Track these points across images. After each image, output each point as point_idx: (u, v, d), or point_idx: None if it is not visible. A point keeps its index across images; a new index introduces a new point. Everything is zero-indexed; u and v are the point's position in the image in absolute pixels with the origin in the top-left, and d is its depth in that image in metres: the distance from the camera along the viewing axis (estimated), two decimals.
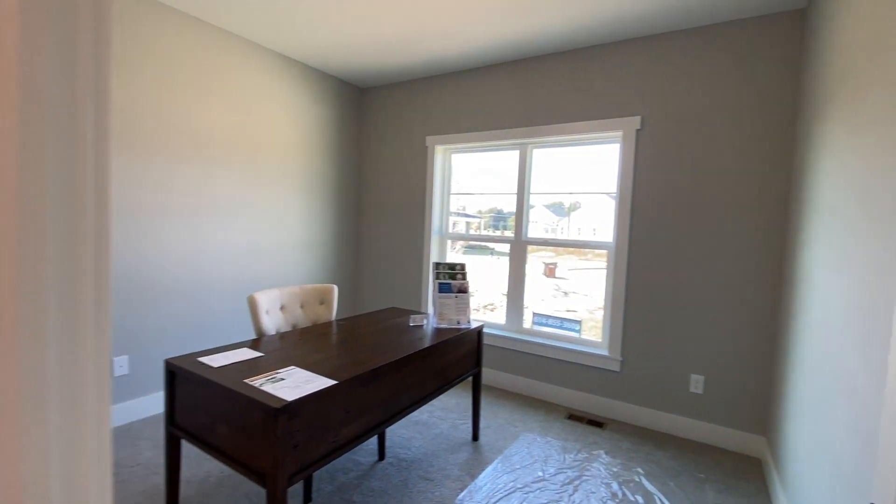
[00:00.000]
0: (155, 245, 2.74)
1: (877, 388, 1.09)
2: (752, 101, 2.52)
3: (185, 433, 1.63)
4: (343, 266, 4.14)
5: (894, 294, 1.04)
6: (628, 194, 2.89)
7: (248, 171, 3.23)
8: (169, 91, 2.73)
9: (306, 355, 1.82)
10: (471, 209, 3.86)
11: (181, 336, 2.92)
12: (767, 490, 2.23)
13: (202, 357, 1.72)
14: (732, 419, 2.62)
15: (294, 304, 2.42)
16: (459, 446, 2.53)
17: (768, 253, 2.50)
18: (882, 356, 1.08)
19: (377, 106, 4.08)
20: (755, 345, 2.55)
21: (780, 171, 2.46)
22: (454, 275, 2.53)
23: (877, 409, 1.08)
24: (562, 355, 3.15)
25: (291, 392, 1.43)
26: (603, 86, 2.97)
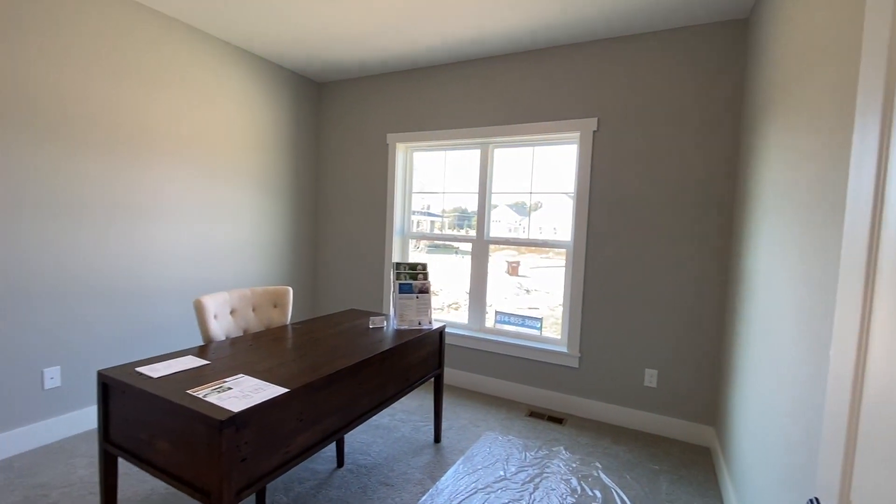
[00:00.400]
0: (94, 247, 2.54)
1: (818, 379, 1.15)
2: (701, 105, 2.63)
3: (121, 450, 1.51)
4: (301, 267, 4.00)
5: (834, 289, 1.09)
6: (585, 194, 2.95)
7: (197, 167, 3.05)
8: (105, 79, 2.53)
9: (258, 362, 1.72)
10: (435, 208, 3.82)
11: (123, 344, 2.71)
12: (716, 479, 2.34)
13: (141, 367, 1.60)
14: (684, 411, 2.73)
15: (245, 307, 2.31)
16: (421, 449, 2.49)
17: (716, 251, 2.62)
18: (822, 349, 1.13)
19: (335, 101, 3.97)
20: (704, 339, 2.67)
21: (726, 173, 2.58)
22: (415, 275, 2.49)
23: (818, 401, 1.13)
24: (523, 353, 3.18)
25: (239, 402, 1.35)
26: (561, 87, 3.01)
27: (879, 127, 0.59)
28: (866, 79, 0.64)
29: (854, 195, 0.65)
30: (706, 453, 2.60)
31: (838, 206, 1.09)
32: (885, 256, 0.55)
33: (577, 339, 3.00)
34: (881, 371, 0.54)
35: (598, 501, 2.08)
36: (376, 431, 2.67)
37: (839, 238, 1.06)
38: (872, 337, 0.57)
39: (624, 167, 2.84)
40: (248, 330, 2.30)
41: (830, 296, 1.08)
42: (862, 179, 0.63)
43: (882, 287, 0.55)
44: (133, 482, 2.09)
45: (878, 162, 0.59)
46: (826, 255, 1.14)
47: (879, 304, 0.56)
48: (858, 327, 0.60)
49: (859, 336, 0.60)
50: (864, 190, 0.62)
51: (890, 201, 0.55)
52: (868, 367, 0.57)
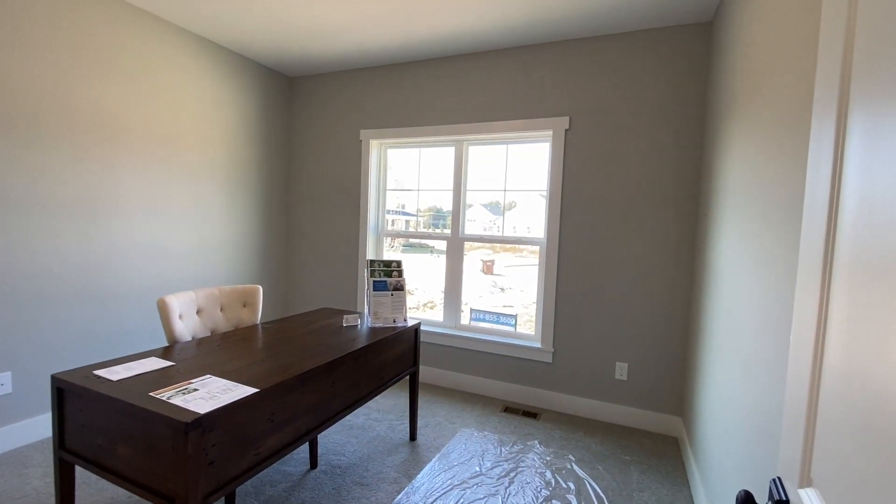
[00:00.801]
0: (46, 247, 2.39)
1: (777, 367, 1.20)
2: (668, 105, 2.71)
3: (78, 458, 1.43)
4: (271, 266, 3.90)
5: (792, 282, 1.14)
6: (558, 192, 2.99)
7: (161, 163, 2.93)
8: (58, 68, 2.39)
9: (226, 362, 1.67)
10: (410, 207, 3.79)
11: (79, 349, 2.58)
12: (683, 467, 2.41)
13: (99, 370, 1.52)
14: (653, 402, 2.81)
15: (213, 307, 2.23)
16: (397, 447, 2.47)
17: (684, 248, 2.71)
18: (781, 339, 1.18)
19: (308, 97, 3.89)
20: (673, 333, 2.75)
21: (693, 171, 2.67)
22: (390, 272, 2.47)
23: (777, 388, 1.18)
24: (497, 349, 3.20)
25: (206, 404, 1.30)
26: (535, 86, 3.04)
27: (834, 127, 0.61)
28: (822, 81, 0.67)
29: (811, 193, 0.67)
30: (674, 443, 2.68)
31: (797, 205, 1.13)
32: (840, 250, 0.57)
33: (550, 335, 3.04)
34: (838, 356, 0.56)
35: (571, 493, 2.12)
36: (351, 431, 2.63)
37: (797, 234, 1.11)
38: (830, 324, 0.60)
39: (595, 165, 2.90)
40: (216, 330, 2.22)
41: (789, 288, 1.13)
42: (819, 179, 0.65)
43: (838, 279, 0.58)
44: (91, 491, 1.99)
45: (834, 162, 0.61)
46: (785, 250, 1.19)
47: (836, 295, 0.58)
48: (816, 316, 0.63)
49: (817, 324, 0.63)
50: (820, 188, 0.64)
51: (845, 199, 0.57)
52: (826, 352, 0.60)
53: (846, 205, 0.57)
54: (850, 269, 0.54)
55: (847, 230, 0.56)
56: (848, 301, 0.54)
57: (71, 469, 1.50)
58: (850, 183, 0.56)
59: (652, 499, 2.11)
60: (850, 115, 0.58)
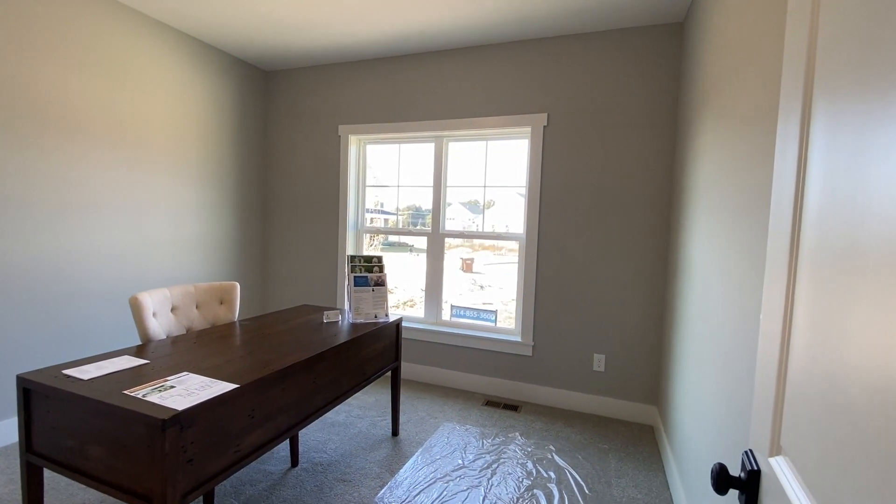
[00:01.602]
0: (10, 244, 2.28)
1: (748, 351, 1.25)
2: (642, 103, 2.78)
3: (46, 460, 1.37)
4: (249, 264, 3.82)
5: (757, 270, 1.19)
6: (537, 188, 3.03)
7: (132, 159, 2.83)
8: (18, 57, 2.28)
9: (203, 359, 1.63)
10: (389, 206, 3.77)
11: (46, 350, 2.47)
12: (659, 454, 2.49)
13: (69, 369, 1.46)
14: (629, 392, 2.89)
15: (188, 304, 2.17)
16: (379, 443, 2.47)
17: (658, 242, 2.78)
18: (751, 323, 1.24)
19: (284, 91, 3.82)
20: (648, 324, 2.83)
21: (666, 167, 2.75)
22: (371, 268, 2.45)
23: (746, 368, 1.23)
24: (478, 344, 3.23)
25: (183, 401, 1.27)
26: (514, 83, 3.07)
27: (799, 121, 0.65)
28: (788, 78, 0.70)
29: (779, 185, 0.71)
30: (650, 431, 2.76)
31: (763, 196, 1.19)
32: (806, 235, 0.61)
33: (530, 328, 3.08)
34: (804, 334, 0.59)
35: (552, 482, 2.16)
36: (332, 429, 2.61)
37: (764, 222, 1.16)
38: (796, 306, 0.63)
39: (573, 162, 2.95)
40: (192, 328, 2.17)
41: (758, 274, 1.18)
42: (785, 172, 0.69)
43: (804, 264, 0.61)
44: (62, 497, 1.91)
45: (799, 156, 0.64)
46: (753, 238, 1.24)
47: (802, 279, 0.62)
48: (784, 299, 0.66)
49: (785, 306, 0.66)
50: (787, 180, 0.68)
51: (809, 190, 0.60)
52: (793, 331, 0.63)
53: (810, 196, 0.60)
54: (814, 254, 0.58)
55: (811, 220, 0.59)
56: (813, 285, 0.58)
57: (39, 473, 1.45)
58: (813, 175, 0.59)
59: (630, 484, 2.17)
60: (814, 110, 0.61)
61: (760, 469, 0.70)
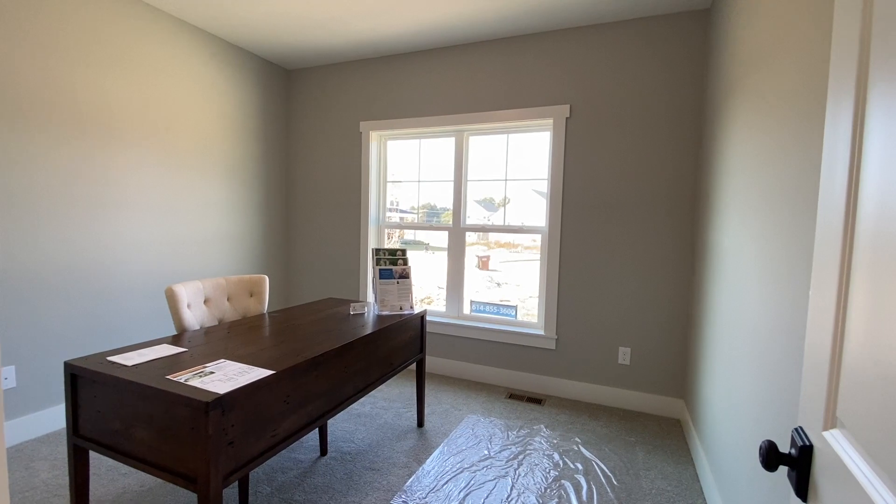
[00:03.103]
0: (47, 240, 2.37)
1: (785, 341, 1.23)
2: (667, 92, 2.74)
3: (93, 443, 1.43)
4: (273, 258, 3.89)
5: (804, 247, 1.17)
6: (559, 180, 3.01)
7: (163, 156, 2.91)
8: (61, 61, 2.37)
9: (237, 348, 1.67)
10: (404, 204, 3.80)
11: (83, 342, 2.56)
12: (687, 446, 2.45)
13: (113, 356, 1.52)
14: (655, 386, 2.85)
15: (220, 296, 2.23)
16: (405, 434, 2.49)
17: (683, 232, 2.74)
18: (786, 311, 1.21)
19: (306, 89, 3.88)
20: (674, 316, 2.79)
21: (692, 157, 2.70)
22: (395, 260, 2.48)
23: (784, 360, 1.21)
24: (501, 338, 3.23)
25: (224, 385, 1.31)
26: (535, 75, 3.06)
27: (853, 100, 0.62)
28: (837, 65, 0.67)
29: (829, 170, 0.68)
30: (677, 424, 2.72)
31: (804, 185, 1.16)
32: (862, 223, 0.58)
33: (553, 322, 3.07)
34: (862, 314, 0.58)
35: (580, 473, 2.15)
36: (358, 419, 2.64)
37: (804, 212, 1.14)
38: (853, 290, 0.61)
39: (596, 153, 2.92)
40: (224, 319, 2.22)
41: (797, 264, 1.16)
42: (836, 155, 0.66)
43: (861, 238, 0.59)
44: (103, 482, 1.99)
45: (853, 135, 0.62)
46: (790, 228, 1.22)
47: (858, 256, 0.60)
48: (837, 283, 0.64)
49: (838, 290, 0.64)
50: (839, 164, 0.65)
51: (866, 178, 0.58)
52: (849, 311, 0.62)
53: (867, 185, 0.57)
54: (874, 241, 0.55)
55: (869, 209, 0.56)
56: (872, 272, 0.56)
57: (85, 455, 1.50)
58: (871, 163, 0.56)
59: (658, 476, 2.15)
60: (871, 94, 0.58)
61: (813, 444, 0.69)
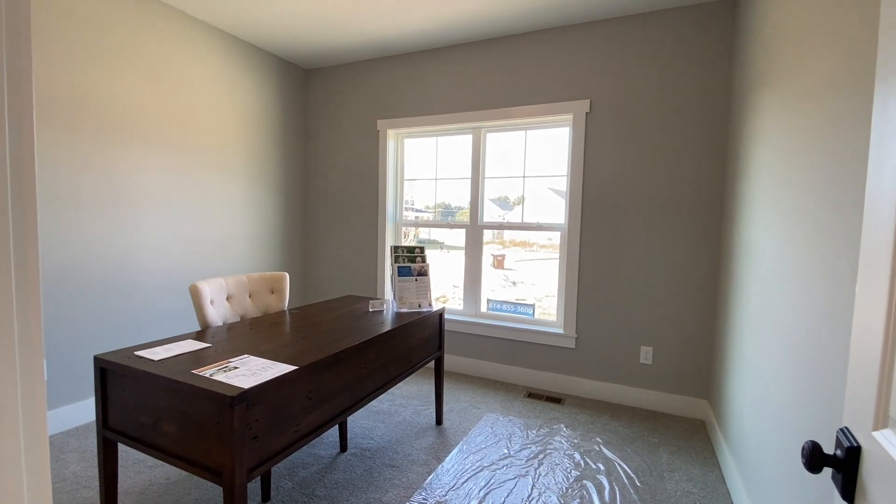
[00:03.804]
0: (74, 238, 2.44)
1: (826, 342, 1.18)
2: (692, 85, 2.67)
3: (122, 436, 1.46)
4: (291, 256, 3.94)
5: (838, 245, 1.12)
6: (579, 176, 2.97)
7: (184, 156, 2.97)
8: (76, 60, 2.43)
9: (260, 343, 1.69)
10: (418, 204, 3.79)
11: (109, 337, 2.63)
12: (712, 447, 2.39)
13: (140, 351, 1.55)
14: (678, 386, 2.79)
15: (242, 293, 2.26)
16: (424, 431, 2.49)
17: (708, 229, 2.68)
18: (826, 310, 1.17)
19: (323, 88, 3.91)
20: (698, 316, 2.72)
21: (719, 151, 2.63)
22: (413, 258, 2.48)
23: (824, 360, 1.16)
24: (519, 336, 3.20)
25: (248, 380, 1.32)
26: (554, 70, 3.02)
27: None
28: (887, 44, 0.64)
29: (877, 164, 0.65)
30: (701, 426, 2.66)
31: (847, 178, 1.11)
32: None
33: (573, 321, 3.03)
34: None
35: (601, 473, 2.12)
36: (377, 416, 2.65)
37: (846, 200, 1.09)
38: None
39: (617, 148, 2.87)
40: (245, 316, 2.25)
41: (841, 262, 1.11)
42: (885, 145, 0.63)
43: None
44: (130, 474, 2.03)
45: None
46: (834, 218, 1.17)
47: None
48: (889, 279, 0.61)
49: (891, 285, 0.61)
50: (888, 156, 0.62)
51: None
52: None
53: None
54: None
55: None
56: None
57: (114, 448, 1.54)
58: None
59: (683, 478, 2.10)
60: None
61: (861, 445, 0.66)
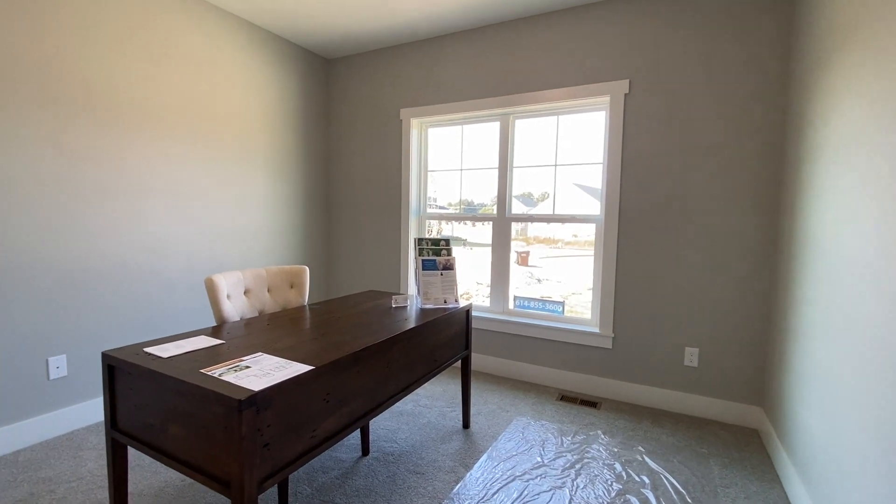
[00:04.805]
0: (97, 230, 2.39)
1: None
2: (743, 61, 2.42)
3: (130, 438, 1.36)
4: (313, 250, 3.84)
5: None
6: (617, 162, 2.75)
7: (205, 147, 2.89)
8: (99, 51, 2.37)
9: (276, 341, 1.57)
10: (441, 201, 3.64)
11: (129, 331, 2.58)
12: (770, 460, 2.16)
13: (149, 347, 1.45)
14: (728, 391, 2.55)
15: (260, 287, 2.15)
16: (450, 435, 2.34)
17: (763, 218, 2.42)
18: None
19: (346, 77, 3.79)
20: (750, 314, 2.47)
21: (776, 131, 2.37)
22: (438, 251, 2.32)
23: None
24: (551, 335, 3.01)
25: (259, 381, 1.19)
26: (589, 49, 2.81)
27: None
28: None
29: None
30: (755, 435, 2.41)
31: None
32: None
33: (609, 319, 2.82)
34: None
35: (647, 487, 1.92)
36: (401, 418, 2.51)
37: None
38: None
39: (659, 130, 2.64)
40: (264, 311, 2.14)
41: None
42: None
43: None
44: (146, 474, 1.95)
45: None
46: None
47: None
48: None
49: None
50: None
51: None
52: None
53: None
54: None
55: None
56: None
57: (123, 450, 1.44)
58: None
59: (740, 495, 1.88)
60: None
61: None
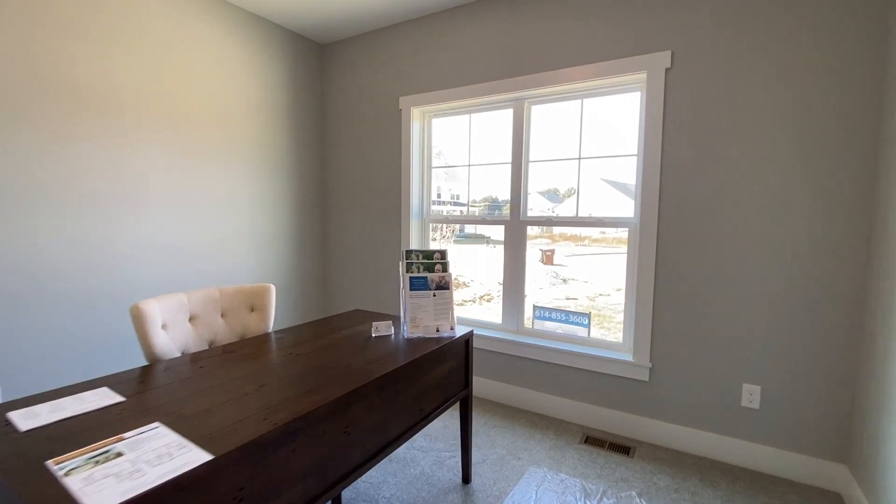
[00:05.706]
0: (41, 242, 2.07)
1: None
2: (818, 22, 1.86)
3: None
4: (305, 259, 3.47)
5: None
6: (656, 154, 2.24)
7: (178, 145, 2.55)
8: (55, 37, 2.03)
9: (192, 398, 1.17)
10: (462, 198, 3.20)
11: (79, 362, 2.25)
12: None
13: (20, 409, 1.08)
14: (801, 442, 2.01)
15: (211, 312, 1.77)
16: (446, 493, 1.90)
17: (848, 230, 1.87)
18: None
19: (341, 65, 3.39)
20: (829, 343, 1.93)
21: (863, 109, 1.82)
22: (432, 265, 1.88)
23: None
24: (574, 361, 2.52)
25: (115, 490, 0.79)
26: (618, 13, 2.30)
27: None
28: None
29: None
30: (836, 500, 1.88)
31: None
32: None
33: (646, 345, 2.32)
34: None
35: None
36: (388, 466, 2.10)
37: None
38: None
39: (708, 114, 2.12)
40: (216, 341, 1.76)
41: None
42: None
43: None
44: None
45: None
46: None
47: None
48: None
49: None
50: None
51: None
52: None
53: None
54: None
55: None
56: None
57: None
58: None
59: None
60: None
61: None
